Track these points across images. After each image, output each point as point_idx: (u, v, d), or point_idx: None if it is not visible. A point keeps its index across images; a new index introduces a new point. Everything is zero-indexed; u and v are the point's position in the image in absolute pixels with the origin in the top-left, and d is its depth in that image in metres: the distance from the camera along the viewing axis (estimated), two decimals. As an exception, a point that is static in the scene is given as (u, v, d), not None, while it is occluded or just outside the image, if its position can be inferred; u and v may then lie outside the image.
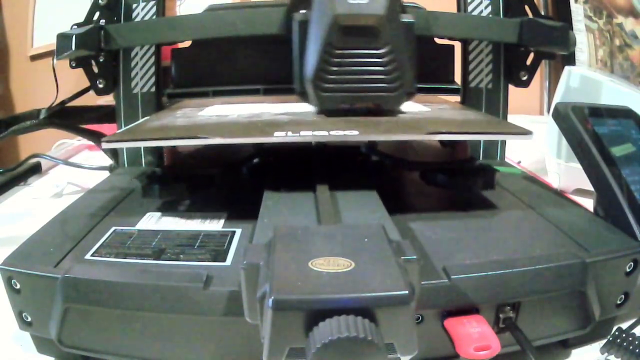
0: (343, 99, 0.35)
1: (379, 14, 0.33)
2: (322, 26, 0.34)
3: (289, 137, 0.30)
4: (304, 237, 0.23)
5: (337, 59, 0.34)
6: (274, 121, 0.35)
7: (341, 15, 0.33)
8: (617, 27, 1.08)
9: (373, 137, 0.33)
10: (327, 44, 0.34)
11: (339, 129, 0.31)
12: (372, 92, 0.35)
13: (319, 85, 0.34)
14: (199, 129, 0.33)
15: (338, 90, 0.35)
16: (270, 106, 0.41)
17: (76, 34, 0.40)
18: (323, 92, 0.35)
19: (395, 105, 0.36)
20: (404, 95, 0.35)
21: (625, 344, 0.26)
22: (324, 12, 0.33)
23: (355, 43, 0.34)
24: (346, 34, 0.33)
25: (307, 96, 0.36)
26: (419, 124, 0.35)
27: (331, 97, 0.35)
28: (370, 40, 0.34)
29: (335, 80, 0.34)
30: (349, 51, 0.34)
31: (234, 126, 0.34)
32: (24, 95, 1.36)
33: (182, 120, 0.37)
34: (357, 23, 0.33)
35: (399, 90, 0.35)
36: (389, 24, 0.34)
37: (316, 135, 0.30)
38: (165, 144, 0.38)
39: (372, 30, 0.33)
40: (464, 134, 0.33)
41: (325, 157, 0.43)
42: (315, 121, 0.35)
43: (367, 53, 0.34)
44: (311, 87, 0.35)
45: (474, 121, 0.37)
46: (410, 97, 0.36)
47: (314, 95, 0.35)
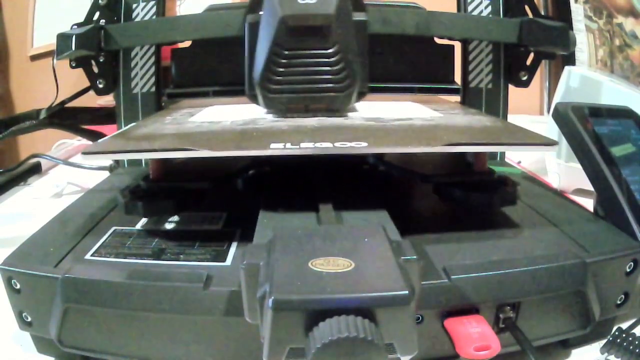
0: (290, 100, 0.34)
1: (327, 13, 0.33)
2: (271, 27, 0.33)
3: (287, 149, 0.26)
4: (304, 237, 0.23)
5: (284, 59, 0.33)
6: (271, 129, 0.32)
7: (289, 16, 0.33)
8: (617, 27, 1.08)
9: (384, 149, 0.31)
10: (275, 45, 0.33)
11: (345, 139, 0.28)
12: (321, 93, 0.34)
13: (266, 86, 0.34)
14: (186, 140, 0.30)
15: (286, 91, 0.34)
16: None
17: (76, 34, 0.40)
18: (270, 94, 0.34)
19: (344, 105, 0.35)
20: (355, 95, 0.35)
21: (625, 344, 0.26)
22: (273, 12, 0.33)
23: (303, 43, 0.33)
24: (294, 34, 0.33)
25: (256, 98, 0.35)
26: (433, 133, 0.32)
27: (279, 98, 0.34)
28: (318, 40, 0.33)
29: (283, 82, 0.34)
30: (297, 52, 0.33)
31: (226, 136, 0.31)
32: (24, 95, 1.36)
33: (170, 128, 0.34)
34: (305, 23, 0.33)
35: (349, 90, 0.34)
36: (338, 23, 0.33)
37: (318, 147, 0.27)
38: (148, 157, 0.35)
39: (320, 30, 0.33)
40: (484, 145, 0.30)
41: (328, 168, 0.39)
42: (318, 130, 0.31)
43: (315, 53, 0.34)
44: (259, 89, 0.34)
45: (492, 129, 0.34)
46: (361, 96, 0.36)
47: (262, 96, 0.34)
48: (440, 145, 0.27)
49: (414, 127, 0.33)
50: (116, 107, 0.47)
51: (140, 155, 0.34)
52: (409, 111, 0.39)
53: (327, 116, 0.35)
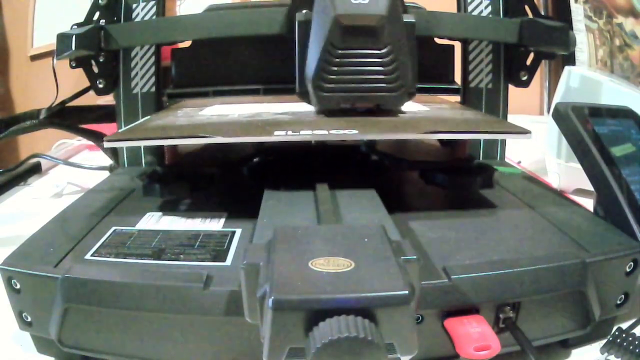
0: (343, 99, 0.35)
1: (380, 14, 0.33)
2: (324, 26, 0.33)
3: (288, 136, 0.30)
4: (304, 237, 0.23)
5: (338, 59, 0.34)
6: (274, 120, 0.35)
7: (343, 15, 0.33)
8: (617, 27, 1.08)
9: (372, 135, 0.33)
10: (329, 44, 0.34)
11: (339, 128, 0.31)
12: (373, 92, 0.35)
13: (319, 85, 0.34)
14: (200, 128, 0.33)
15: (339, 90, 0.34)
16: (270, 106, 0.41)
17: (76, 34, 0.40)
18: (324, 92, 0.35)
19: (396, 105, 0.36)
20: (405, 95, 0.35)
21: (625, 344, 0.26)
22: (326, 12, 0.33)
23: (356, 43, 0.34)
24: (347, 34, 0.33)
25: (308, 96, 0.36)
26: (417, 123, 0.35)
27: (332, 97, 0.35)
28: (371, 41, 0.34)
29: (336, 80, 0.34)
30: (350, 51, 0.34)
31: (235, 125, 0.34)
32: (24, 95, 1.36)
33: (183, 120, 0.37)
34: (359, 23, 0.33)
35: (400, 90, 0.35)
36: (390, 24, 0.34)
37: (316, 134, 0.30)
38: (167, 143, 0.39)
39: (374, 30, 0.33)
40: (461, 133, 0.33)
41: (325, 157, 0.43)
42: (315, 120, 0.35)
43: (368, 53, 0.34)
44: (312, 87, 0.35)
45: (472, 120, 0.37)
46: (411, 97, 0.36)
47: (315, 95, 0.35)
48: (421, 133, 0.31)
49: (401, 118, 0.35)
50: (116, 107, 0.47)
51: (161, 142, 0.37)
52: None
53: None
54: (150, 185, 0.35)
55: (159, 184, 0.35)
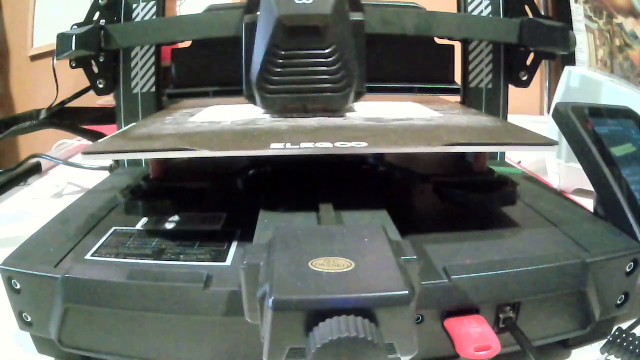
0: (288, 100, 0.34)
1: (324, 13, 0.33)
2: (267, 27, 0.33)
3: (287, 149, 0.27)
4: (304, 237, 0.23)
5: (281, 59, 0.33)
6: (271, 129, 0.32)
7: (285, 16, 0.33)
8: (617, 27, 1.08)
9: (383, 148, 0.31)
10: (272, 45, 0.33)
11: (345, 139, 0.28)
12: (317, 93, 0.34)
13: (263, 86, 0.34)
14: (186, 140, 0.30)
15: (283, 91, 0.34)
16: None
17: (76, 34, 0.40)
18: (267, 94, 0.34)
19: (341, 105, 0.35)
20: (352, 95, 0.35)
21: (625, 344, 0.26)
22: (270, 13, 0.33)
23: (300, 43, 0.33)
24: (291, 34, 0.33)
25: (254, 98, 0.35)
26: (433, 133, 0.31)
27: (275, 99, 0.34)
28: (315, 40, 0.33)
29: (280, 82, 0.34)
30: (293, 52, 0.33)
31: (226, 136, 0.31)
32: (24, 95, 1.36)
33: (170, 128, 0.34)
34: (302, 23, 0.33)
35: (346, 90, 0.34)
36: (335, 23, 0.33)
37: (318, 147, 0.27)
38: (148, 156, 0.35)
39: (317, 30, 0.33)
40: (484, 145, 0.30)
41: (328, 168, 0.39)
42: (318, 129, 0.32)
43: (312, 53, 0.33)
44: (256, 89, 0.34)
45: (492, 129, 0.33)
46: (359, 96, 0.36)
47: (259, 96, 0.34)
48: (440, 145, 0.28)
49: (413, 127, 0.33)
50: (116, 107, 0.47)
51: (140, 155, 0.34)
52: (408, 111, 0.39)
53: (326, 116, 0.35)
54: (132, 203, 0.31)
55: (142, 202, 0.31)
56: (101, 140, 0.32)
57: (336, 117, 0.35)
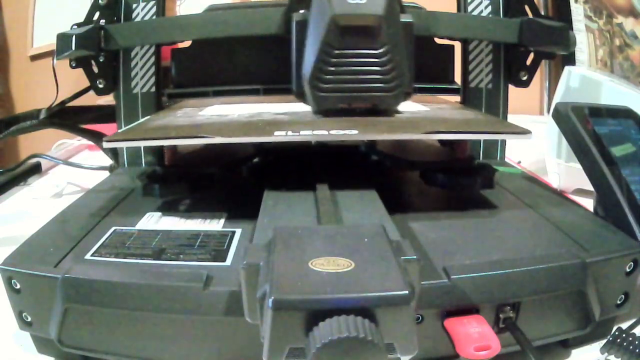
0: (340, 99, 0.35)
1: (377, 14, 0.33)
2: (321, 26, 0.33)
3: (289, 136, 0.30)
4: (304, 237, 0.23)
5: (335, 59, 0.34)
6: (274, 121, 0.35)
7: (340, 15, 0.33)
8: (617, 27, 1.08)
9: (372, 136, 0.33)
10: (325, 44, 0.33)
11: (339, 128, 0.31)
12: (369, 92, 0.35)
13: (316, 85, 0.34)
14: (199, 129, 0.33)
15: (335, 90, 0.34)
16: (270, 106, 0.41)
17: (76, 34, 0.40)
18: (320, 92, 0.34)
19: (392, 105, 0.36)
20: (402, 95, 0.35)
21: (625, 344, 0.26)
22: (323, 12, 0.33)
23: (353, 43, 0.34)
24: (344, 34, 0.33)
25: (305, 96, 0.36)
26: (417, 123, 0.35)
27: (328, 97, 0.35)
28: (368, 41, 0.34)
29: (333, 80, 0.34)
30: (347, 51, 0.34)
31: (234, 125, 0.34)
32: (24, 95, 1.36)
33: (182, 120, 0.37)
34: (356, 23, 0.33)
35: (397, 90, 0.35)
36: (388, 24, 0.33)
37: (316, 134, 0.30)
38: (166, 144, 0.39)
39: (371, 30, 0.33)
40: (462, 134, 0.32)
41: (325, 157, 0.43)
42: (315, 121, 0.35)
43: (365, 53, 0.34)
44: (309, 87, 0.35)
45: (472, 120, 0.37)
46: (407, 97, 0.36)
47: (311, 95, 0.35)
48: (422, 133, 0.31)
49: (401, 118, 0.35)
50: (116, 107, 0.47)
51: (159, 142, 0.37)
52: (400, 106, 0.40)
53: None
54: (150, 185, 0.35)
55: (158, 185, 0.35)
56: (120, 131, 0.33)
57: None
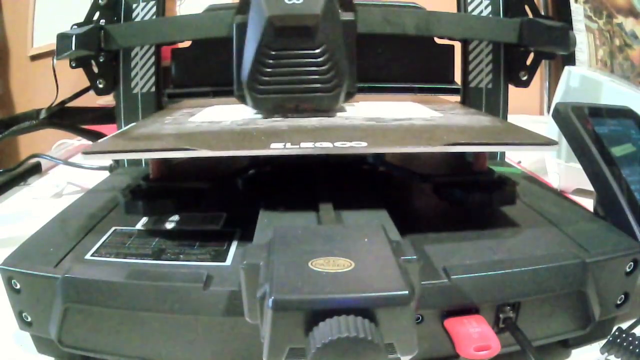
0: (278, 100, 0.35)
1: (313, 13, 0.33)
2: (258, 28, 0.33)
3: (287, 149, 0.27)
4: (304, 237, 0.23)
5: (272, 60, 0.33)
6: (271, 129, 0.32)
7: (275, 16, 0.33)
8: (617, 27, 1.08)
9: (383, 148, 0.31)
10: (263, 45, 0.33)
11: (345, 139, 0.28)
12: (307, 93, 0.34)
13: (253, 86, 0.34)
14: (186, 140, 0.30)
15: (273, 91, 0.34)
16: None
17: (76, 34, 0.40)
18: (258, 94, 0.34)
19: (332, 105, 0.35)
20: (342, 95, 0.35)
21: (625, 344, 0.26)
22: (260, 13, 0.33)
23: (290, 43, 0.33)
24: (281, 34, 0.33)
25: (244, 98, 0.35)
26: (433, 133, 0.31)
27: (266, 99, 0.34)
28: (305, 41, 0.33)
29: (270, 82, 0.34)
30: (283, 52, 0.33)
31: (226, 136, 0.31)
32: (24, 95, 1.36)
33: (169, 128, 0.34)
34: (292, 23, 0.33)
35: (336, 90, 0.34)
36: (325, 23, 0.33)
37: (318, 147, 0.27)
38: (149, 156, 0.35)
39: (307, 30, 0.33)
40: (484, 145, 0.30)
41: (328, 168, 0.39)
42: (318, 129, 0.32)
43: (302, 53, 0.34)
44: (246, 89, 0.34)
45: (492, 129, 0.33)
46: (350, 97, 0.36)
47: (249, 97, 0.34)
48: (440, 145, 0.27)
49: (413, 127, 0.33)
50: (116, 107, 0.47)
51: (140, 155, 0.33)
52: (408, 111, 0.39)
53: (324, 116, 0.35)
54: (132, 202, 0.31)
55: (142, 202, 0.31)
56: (101, 141, 0.32)
57: (336, 117, 0.35)
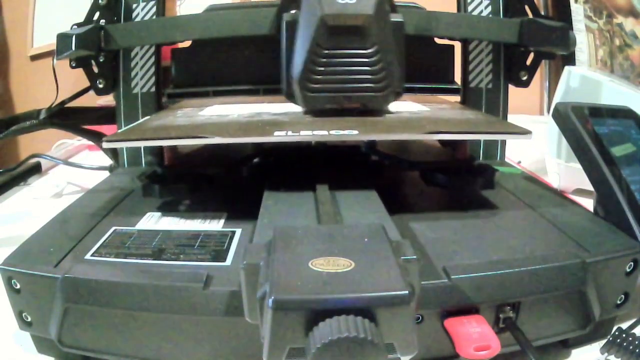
0: (330, 99, 0.35)
1: (367, 13, 0.33)
2: (310, 26, 0.33)
3: (289, 136, 0.30)
4: (304, 237, 0.23)
5: (324, 59, 0.34)
6: (274, 121, 0.35)
7: (329, 15, 0.33)
8: (617, 27, 1.08)
9: (372, 136, 0.33)
10: (315, 44, 0.33)
11: (339, 128, 0.31)
12: (359, 92, 0.34)
13: (305, 85, 0.34)
14: (199, 129, 0.33)
15: (325, 90, 0.34)
16: (270, 106, 0.41)
17: (76, 34, 0.40)
18: (310, 92, 0.34)
19: (382, 105, 0.36)
20: (392, 95, 0.35)
21: (625, 344, 0.26)
22: (312, 12, 0.33)
23: (342, 43, 0.34)
24: (334, 33, 0.33)
25: (294, 97, 0.36)
26: (418, 123, 0.34)
27: (318, 97, 0.35)
28: (357, 40, 0.34)
29: (322, 81, 0.34)
30: (336, 51, 0.34)
31: (234, 126, 0.34)
32: (24, 95, 1.36)
33: (182, 120, 0.37)
34: (345, 23, 0.33)
35: (386, 90, 0.35)
36: (377, 23, 0.33)
37: (316, 134, 0.30)
38: (166, 144, 0.38)
39: (360, 30, 0.33)
40: (462, 134, 0.32)
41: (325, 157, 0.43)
42: (315, 121, 0.35)
43: (354, 53, 0.34)
44: (298, 88, 0.34)
45: (473, 121, 0.37)
46: (398, 96, 0.36)
47: (301, 95, 0.35)
48: (422, 133, 0.30)
49: (401, 118, 0.35)
50: (116, 107, 0.47)
51: (159, 143, 0.37)
52: (399, 106, 0.40)
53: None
54: (149, 186, 0.35)
55: (158, 185, 0.34)
56: (120, 131, 0.33)
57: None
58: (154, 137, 0.33)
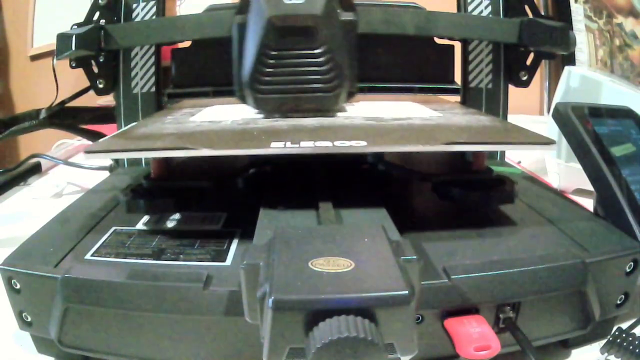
0: (279, 100, 0.35)
1: (314, 13, 0.33)
2: (258, 28, 0.33)
3: (287, 148, 0.27)
4: (304, 237, 0.23)
5: (272, 60, 0.33)
6: (272, 128, 0.32)
7: (276, 17, 0.33)
8: (617, 27, 1.08)
9: (382, 148, 0.31)
10: (263, 46, 0.33)
11: (345, 138, 0.28)
12: (309, 93, 0.34)
13: (255, 87, 0.34)
14: (186, 139, 0.30)
15: (274, 92, 0.34)
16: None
17: (76, 34, 0.40)
18: (259, 94, 0.34)
19: (333, 105, 0.35)
20: (344, 95, 0.35)
21: (625, 344, 0.26)
22: (260, 13, 0.33)
23: (290, 44, 0.33)
24: (281, 35, 0.33)
25: (246, 98, 0.35)
26: (433, 132, 0.31)
27: (267, 99, 0.34)
28: (305, 41, 0.33)
29: (271, 82, 0.34)
30: (284, 52, 0.34)
31: (226, 135, 0.31)
32: (24, 95, 1.36)
33: (170, 127, 0.34)
34: (292, 24, 0.33)
35: (337, 90, 0.34)
36: (326, 23, 0.33)
37: (318, 146, 0.27)
38: (150, 156, 0.35)
39: (308, 30, 0.33)
40: (482, 144, 0.30)
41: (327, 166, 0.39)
42: (318, 129, 0.32)
43: (303, 54, 0.34)
44: (248, 89, 0.34)
45: (491, 129, 0.33)
46: (351, 97, 0.36)
47: (251, 96, 0.34)
48: (439, 145, 0.28)
49: (413, 126, 0.33)
50: (116, 107, 0.47)
51: (141, 154, 0.34)
52: (408, 111, 0.39)
53: (324, 116, 0.35)
54: (133, 202, 0.31)
55: (144, 201, 0.31)
56: (102, 140, 0.32)
57: (336, 117, 0.35)
58: (137, 148, 0.30)
